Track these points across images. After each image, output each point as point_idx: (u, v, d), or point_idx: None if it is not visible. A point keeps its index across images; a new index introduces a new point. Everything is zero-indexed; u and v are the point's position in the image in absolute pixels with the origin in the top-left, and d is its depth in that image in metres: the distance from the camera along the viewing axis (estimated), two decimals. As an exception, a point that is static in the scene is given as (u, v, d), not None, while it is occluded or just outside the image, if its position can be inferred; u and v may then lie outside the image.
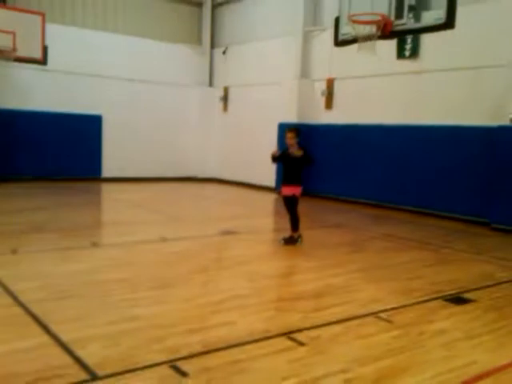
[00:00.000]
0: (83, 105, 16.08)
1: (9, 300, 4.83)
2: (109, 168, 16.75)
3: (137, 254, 7.10)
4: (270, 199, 14.43)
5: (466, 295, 5.63)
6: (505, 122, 10.16)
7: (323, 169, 13.89)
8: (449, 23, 7.48)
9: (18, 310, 4.58)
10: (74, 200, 12.39)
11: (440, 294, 5.62)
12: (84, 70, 16.06)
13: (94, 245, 7.44)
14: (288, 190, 7.87)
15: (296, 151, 7.74)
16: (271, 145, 15.10)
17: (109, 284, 5.52)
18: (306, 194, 8.08)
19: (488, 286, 6.08)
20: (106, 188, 15.41)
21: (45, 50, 12.84)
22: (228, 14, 18.45)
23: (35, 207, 10.83)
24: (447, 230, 10.30)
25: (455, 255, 7.84)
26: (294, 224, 7.91)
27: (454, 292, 5.72)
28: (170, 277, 5.90)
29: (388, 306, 5.12)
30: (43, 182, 14.89)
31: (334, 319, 4.69)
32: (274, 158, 8.05)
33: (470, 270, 6.92)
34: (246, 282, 5.82)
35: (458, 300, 5.45)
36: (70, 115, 15.83)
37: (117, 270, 6.16)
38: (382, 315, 4.84)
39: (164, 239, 7.95)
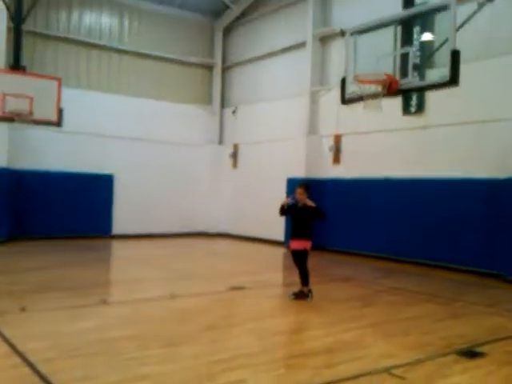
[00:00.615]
0: (96, 165, 16.45)
1: (17, 360, 4.82)
2: (119, 226, 16.91)
3: (146, 311, 7.09)
4: (279, 253, 14.40)
5: (479, 349, 5.54)
6: (510, 174, 10.23)
7: (332, 223, 13.86)
8: (453, 80, 7.68)
9: (26, 370, 4.57)
10: (83, 258, 12.46)
11: (452, 349, 5.54)
12: (97, 130, 16.53)
13: (103, 303, 7.44)
14: (297, 244, 7.91)
15: (308, 202, 7.82)
16: (280, 200, 15.20)
17: (118, 342, 5.51)
18: (314, 247, 8.09)
19: (500, 339, 5.99)
20: (116, 245, 15.50)
21: (60, 112, 13.23)
22: (237, 75, 19.05)
23: (45, 266, 10.89)
24: (456, 282, 10.21)
25: (466, 308, 7.74)
26: (304, 278, 7.90)
27: (466, 346, 5.64)
28: (179, 334, 5.88)
29: (400, 362, 5.05)
30: (54, 241, 15.01)
31: (346, 376, 4.62)
32: (283, 209, 8.10)
33: (482, 323, 6.83)
34: (256, 339, 5.78)
35: (470, 354, 5.36)
36: (83, 175, 16.16)
37: (126, 327, 6.15)
38: (395, 371, 4.77)
39: (173, 296, 7.93)
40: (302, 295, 7.87)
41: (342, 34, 10.43)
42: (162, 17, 18.16)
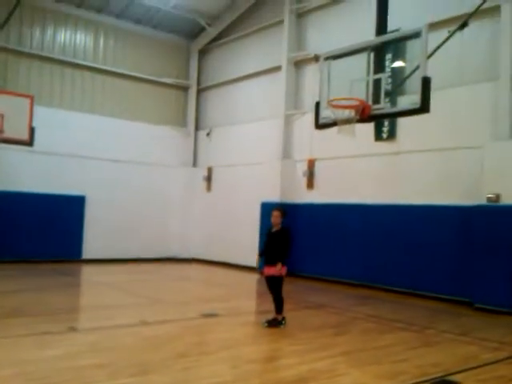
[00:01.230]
0: (68, 185, 16.18)
1: (-20, 390, 4.65)
2: (90, 249, 16.60)
3: (116, 338, 6.92)
4: (253, 280, 14.30)
5: (453, 378, 5.53)
6: (481, 201, 10.40)
7: (305, 248, 13.95)
8: (424, 108, 7.79)
9: (-11, 402, 4.40)
10: (52, 283, 12.17)
11: (425, 378, 5.52)
12: (70, 151, 16.31)
13: (72, 329, 7.23)
14: (271, 271, 7.80)
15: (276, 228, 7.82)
16: (254, 224, 15.25)
17: (87, 370, 5.34)
18: (288, 274, 8.02)
19: (473, 368, 6.00)
20: (86, 270, 15.19)
21: (32, 131, 13.02)
22: (212, 97, 19.09)
23: (12, 290, 10.60)
24: (430, 310, 10.26)
25: (439, 336, 7.76)
26: (278, 305, 7.82)
27: (440, 375, 5.62)
28: (150, 362, 5.73)
29: (373, 392, 5.01)
30: (22, 265, 14.63)
31: (319, 406, 4.56)
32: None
33: (455, 351, 6.83)
34: (229, 367, 5.67)
35: (444, 383, 5.35)
36: (54, 196, 15.87)
37: (95, 355, 5.97)
38: (368, 402, 4.72)
39: (144, 323, 7.77)
40: (275, 323, 7.78)
41: (317, 58, 10.59)
42: (137, 37, 18.16)
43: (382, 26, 9.51)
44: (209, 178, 18.55)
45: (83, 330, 7.44)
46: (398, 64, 12.27)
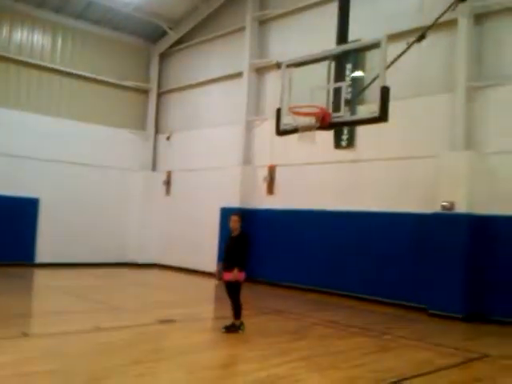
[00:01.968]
0: (22, 187, 15.70)
1: None
2: (44, 253, 16.15)
3: (69, 344, 6.72)
4: (211, 285, 14.18)
5: (407, 383, 5.60)
6: (437, 209, 10.63)
7: (264, 253, 13.95)
8: (382, 116, 7.92)
9: None
10: (4, 287, 11.79)
11: (381, 383, 5.57)
12: (24, 152, 15.85)
13: (25, 335, 7.01)
14: (229, 276, 7.74)
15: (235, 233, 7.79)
16: (214, 229, 15.17)
17: (41, 377, 5.18)
18: (247, 279, 7.97)
19: (428, 373, 6.09)
20: (39, 274, 14.77)
21: (-16, 131, 12.64)
22: (173, 101, 18.94)
23: (-39, 294, 10.23)
24: (387, 315, 10.40)
25: (395, 342, 7.86)
26: (236, 311, 7.77)
27: (395, 380, 5.69)
28: (103, 369, 5.59)
29: (331, 397, 5.02)
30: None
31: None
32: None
33: (410, 356, 6.94)
34: (185, 373, 5.60)
35: (399, 389, 5.42)
36: (6, 198, 15.36)
37: (47, 361, 5.79)
38: (326, 406, 4.72)
39: (98, 329, 7.59)
40: (233, 328, 7.72)
41: (278, 66, 10.64)
42: (97, 38, 17.85)
43: (342, 36, 9.62)
44: (168, 182, 18.36)
45: (35, 336, 7.23)
46: (358, 74, 12.46)
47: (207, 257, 15.56)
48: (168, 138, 18.64)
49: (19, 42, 16.22)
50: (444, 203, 10.53)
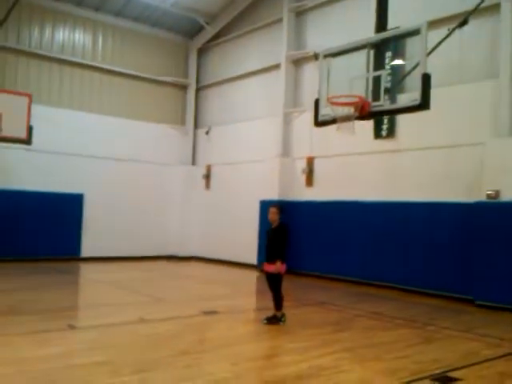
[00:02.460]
0: (66, 184, 16.15)
1: (-21, 387, 4.62)
2: (89, 247, 16.57)
3: (116, 336, 6.89)
4: (252, 277, 14.29)
5: (453, 374, 5.51)
6: (481, 198, 10.38)
7: (305, 246, 13.94)
8: (424, 104, 7.76)
9: (-12, 399, 4.37)
10: (51, 281, 12.14)
11: (426, 374, 5.50)
12: (68, 149, 16.28)
13: (72, 327, 7.22)
14: (270, 268, 7.78)
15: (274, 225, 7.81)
16: (253, 222, 15.24)
17: (87, 368, 5.31)
18: (288, 271, 8.00)
19: (474, 364, 5.99)
20: (84, 268, 15.17)
21: (30, 130, 12.98)
22: (211, 96, 19.06)
23: (11, 289, 10.58)
24: (431, 307, 10.24)
25: (440, 333, 7.74)
26: (278, 303, 7.79)
27: (440, 371, 5.61)
28: (150, 360, 5.70)
29: (375, 388, 4.99)
30: (21, 263, 14.63)
31: (320, 403, 4.53)
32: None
33: (456, 348, 6.82)
34: (229, 364, 5.65)
35: (444, 379, 5.34)
36: (52, 194, 15.84)
37: (95, 353, 5.94)
38: (369, 398, 4.70)
39: (143, 320, 7.75)
40: (275, 320, 7.75)
41: (316, 57, 10.53)
42: (136, 35, 18.13)
43: (381, 24, 9.49)
44: (208, 176, 18.53)
45: (82, 328, 7.42)
46: (398, 62, 12.25)
47: (247, 249, 15.66)
48: (207, 133, 18.79)
49: (61, 41, 16.63)
50: (489, 191, 10.27)
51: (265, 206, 13.90)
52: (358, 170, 13.35)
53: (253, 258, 15.45)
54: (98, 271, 14.60)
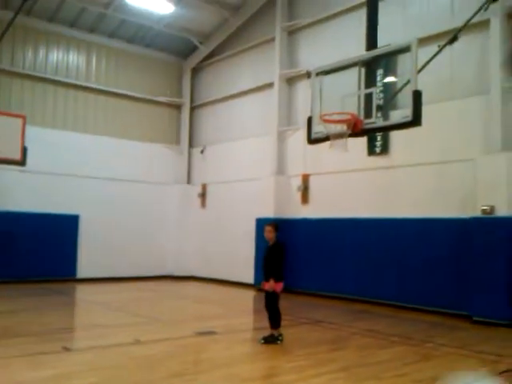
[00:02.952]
0: (61, 205, 16.10)
1: (-29, 414, 4.54)
2: (84, 268, 16.47)
3: (110, 357, 6.82)
4: (249, 296, 14.21)
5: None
6: (475, 213, 10.40)
7: (301, 263, 13.90)
8: (415, 121, 7.80)
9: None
10: (47, 302, 12.04)
11: (425, 393, 5.46)
12: (63, 170, 16.27)
13: (66, 349, 7.14)
14: (267, 286, 7.76)
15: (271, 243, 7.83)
16: (249, 240, 15.19)
17: (80, 392, 5.25)
18: (284, 289, 7.94)
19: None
20: (80, 289, 15.06)
21: (24, 151, 12.96)
22: (205, 115, 19.14)
23: (6, 310, 10.47)
24: (428, 323, 10.20)
25: (437, 350, 7.69)
26: (273, 321, 7.75)
27: (438, 390, 5.57)
28: (144, 382, 5.64)
29: (372, 408, 4.93)
30: (16, 285, 14.52)
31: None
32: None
33: (454, 365, 6.78)
34: (225, 385, 5.60)
35: (443, 398, 5.30)
36: (47, 215, 15.78)
37: (90, 375, 5.87)
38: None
39: (138, 342, 7.68)
40: (271, 339, 7.69)
41: (309, 75, 10.63)
42: (130, 55, 18.24)
43: (372, 42, 9.53)
44: (203, 195, 18.51)
45: (77, 350, 7.35)
46: (390, 79, 12.37)
47: (244, 268, 15.60)
48: (202, 152, 18.82)
49: (55, 62, 16.70)
50: (484, 207, 10.29)
51: (261, 224, 13.87)
52: (353, 186, 13.37)
53: (250, 277, 15.37)
54: (94, 292, 14.50)
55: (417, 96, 7.74)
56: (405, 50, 8.31)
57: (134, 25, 17.37)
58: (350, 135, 8.49)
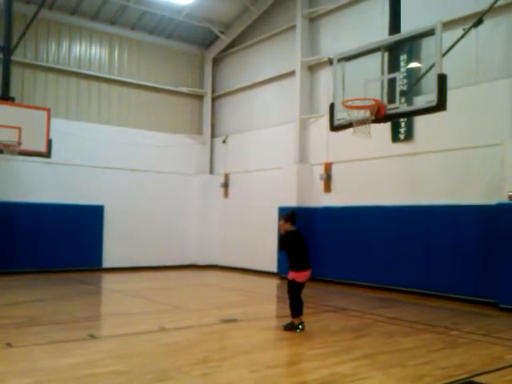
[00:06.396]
0: (86, 196, 16.31)
1: (-1, 398, 4.63)
2: (110, 258, 16.69)
3: (135, 345, 6.89)
4: (272, 284, 14.22)
5: (478, 379, 5.39)
6: (502, 199, 10.19)
7: (324, 252, 13.84)
8: (440, 105, 7.68)
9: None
10: (72, 291, 12.22)
11: (451, 380, 5.38)
12: (87, 161, 16.46)
13: (92, 337, 7.23)
14: (288, 275, 7.82)
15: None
16: (272, 229, 15.16)
17: (106, 378, 5.31)
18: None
19: (499, 369, 5.84)
20: (106, 278, 15.26)
21: (49, 143, 13.14)
22: (227, 104, 19.12)
23: (33, 299, 10.65)
24: (454, 311, 10.07)
25: (463, 337, 7.59)
26: (292, 309, 7.74)
27: (464, 376, 5.48)
28: (169, 368, 5.68)
29: (397, 394, 4.89)
30: (43, 274, 14.80)
31: (341, 410, 4.45)
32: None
33: (480, 352, 6.67)
34: (249, 372, 5.60)
35: (470, 385, 5.22)
36: (73, 206, 16.00)
37: (114, 362, 5.94)
38: (391, 404, 4.61)
39: (163, 329, 7.75)
40: (291, 327, 7.70)
41: (330, 62, 10.51)
42: (151, 47, 18.29)
43: (395, 27, 9.39)
44: (226, 185, 18.54)
45: (102, 338, 7.45)
46: (413, 65, 12.17)
47: (266, 257, 15.62)
48: (224, 141, 18.83)
49: (78, 55, 16.85)
50: (511, 193, 10.07)
51: (283, 212, 13.82)
52: (377, 174, 13.23)
53: (273, 266, 15.38)
54: (119, 281, 14.67)
55: (442, 80, 7.61)
56: (429, 33, 8.14)
57: (155, 16, 17.41)
58: (374, 121, 8.40)
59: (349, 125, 8.70)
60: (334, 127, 9.13)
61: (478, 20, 10.46)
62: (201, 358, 6.16)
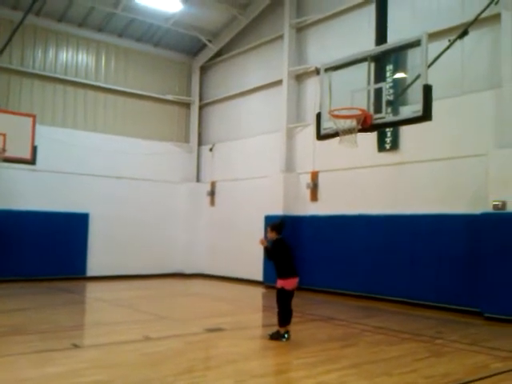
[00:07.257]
0: (71, 203, 16.15)
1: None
2: (94, 266, 16.52)
3: (119, 354, 6.81)
4: (258, 293, 14.17)
5: (463, 389, 5.41)
6: (487, 209, 10.28)
7: (311, 260, 13.82)
8: (426, 115, 7.74)
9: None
10: (56, 300, 12.09)
11: (436, 389, 5.39)
12: (73, 169, 16.32)
13: (75, 346, 7.14)
14: (277, 284, 7.81)
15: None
16: (258, 237, 15.08)
17: (88, 388, 5.24)
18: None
19: (484, 378, 5.86)
20: (90, 287, 15.10)
21: (34, 150, 13.04)
22: (214, 113, 19.12)
23: (15, 309, 10.51)
24: (438, 320, 10.09)
25: (448, 346, 7.61)
26: (280, 319, 7.71)
27: (450, 386, 5.50)
28: (153, 378, 5.61)
29: (383, 404, 4.88)
30: (26, 283, 14.58)
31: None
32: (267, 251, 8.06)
33: (465, 361, 6.69)
34: (234, 382, 5.56)
35: (454, 395, 5.23)
36: (57, 214, 15.83)
37: (98, 372, 5.86)
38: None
39: (147, 338, 7.67)
40: (276, 336, 7.67)
41: (317, 71, 10.57)
42: (139, 54, 18.26)
43: (381, 37, 9.46)
44: (212, 193, 18.51)
45: (86, 347, 7.36)
46: (400, 75, 12.27)
47: (253, 265, 15.56)
48: (211, 150, 18.81)
49: (65, 61, 16.76)
50: (495, 203, 10.17)
51: (270, 221, 13.79)
52: (362, 183, 13.28)
53: (259, 275, 15.34)
54: (104, 290, 14.53)
55: (427, 90, 7.68)
56: (415, 44, 8.23)
57: (143, 24, 17.39)
58: (360, 130, 8.45)
59: (335, 134, 8.73)
60: (321, 136, 9.16)
61: (463, 31, 10.58)
62: (186, 368, 6.11)
